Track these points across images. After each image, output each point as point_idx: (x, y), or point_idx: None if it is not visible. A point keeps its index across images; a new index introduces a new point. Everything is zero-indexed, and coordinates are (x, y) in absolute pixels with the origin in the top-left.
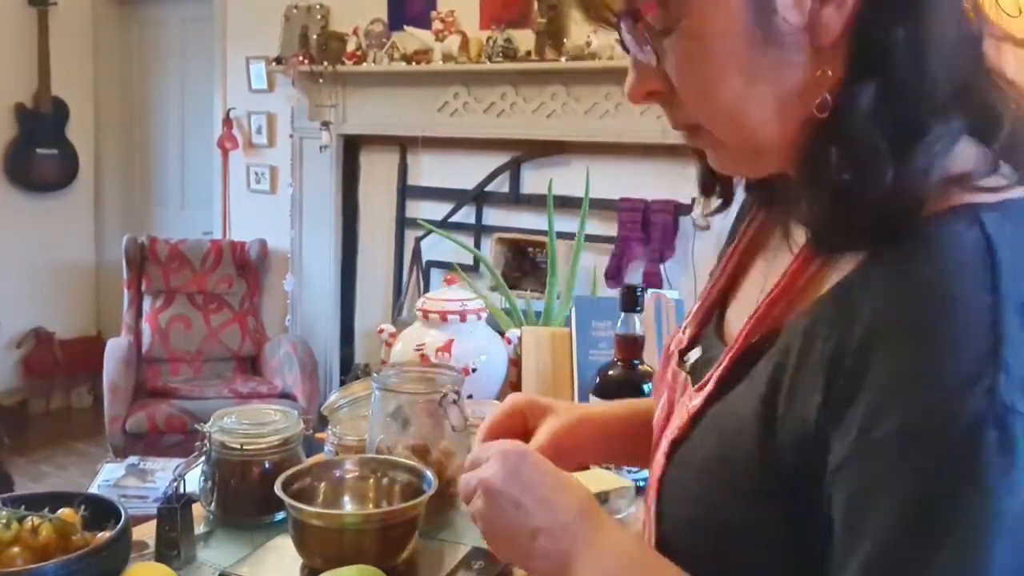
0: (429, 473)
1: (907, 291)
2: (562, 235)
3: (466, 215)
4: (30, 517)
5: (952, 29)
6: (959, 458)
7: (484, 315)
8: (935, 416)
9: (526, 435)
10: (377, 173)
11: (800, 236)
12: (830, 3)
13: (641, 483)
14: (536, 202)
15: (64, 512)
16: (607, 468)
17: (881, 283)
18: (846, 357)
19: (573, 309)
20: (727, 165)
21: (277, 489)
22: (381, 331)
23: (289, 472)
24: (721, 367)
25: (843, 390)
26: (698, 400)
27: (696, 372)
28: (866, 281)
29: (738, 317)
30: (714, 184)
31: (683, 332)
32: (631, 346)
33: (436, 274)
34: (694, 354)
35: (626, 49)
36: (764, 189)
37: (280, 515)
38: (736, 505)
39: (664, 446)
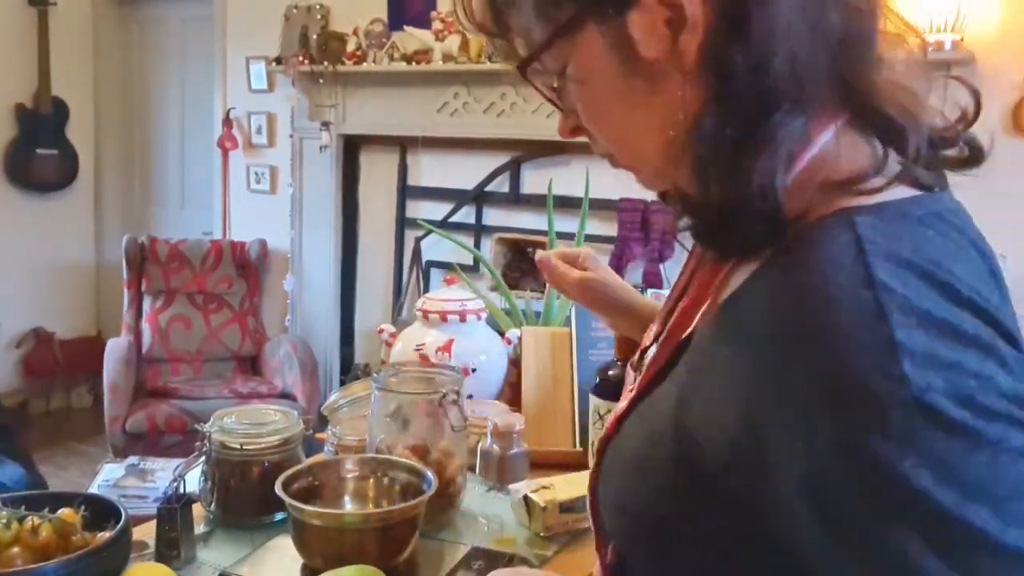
0: (429, 473)
1: (789, 301)
2: (562, 235)
3: (466, 215)
4: (30, 517)
5: (800, 35)
6: (895, 449)
7: (484, 315)
8: (862, 416)
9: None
10: (377, 173)
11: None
12: (684, 30)
13: None
14: (536, 202)
15: (64, 512)
16: None
17: (765, 295)
18: (750, 370)
19: (573, 309)
20: (646, 184)
21: (278, 489)
22: (381, 331)
23: (289, 472)
24: (644, 372)
25: (755, 412)
26: (624, 402)
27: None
28: (751, 294)
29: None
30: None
31: (648, 334)
32: (631, 346)
33: (436, 274)
34: (650, 353)
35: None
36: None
37: (280, 515)
38: (661, 507)
39: (596, 446)
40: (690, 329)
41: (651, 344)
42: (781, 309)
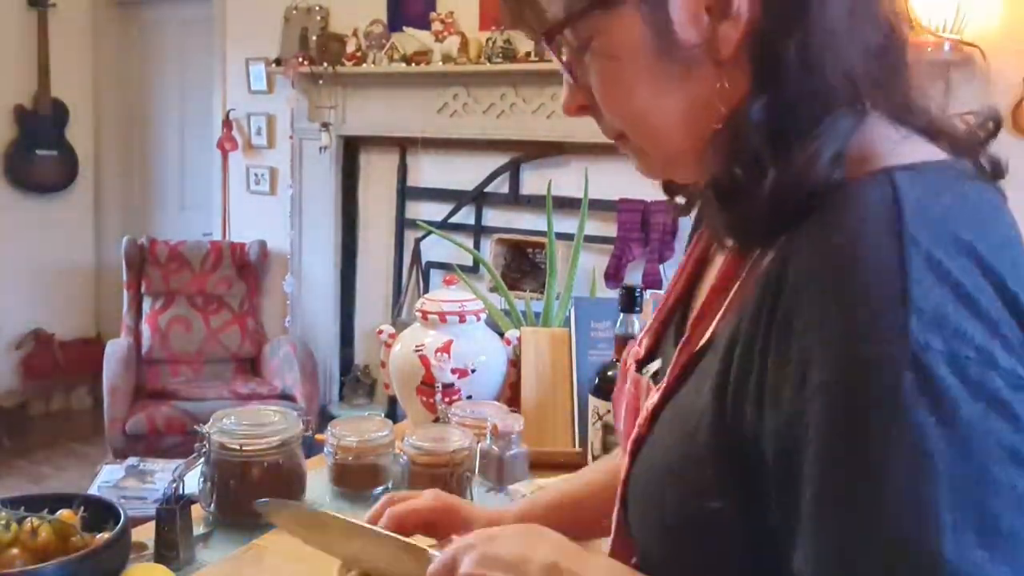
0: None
1: (820, 249)
2: (561, 236)
3: (466, 216)
4: (29, 518)
5: (848, 38)
6: (883, 401)
7: (483, 316)
8: (854, 364)
9: (430, 532)
10: (377, 174)
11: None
12: (726, 20)
13: None
14: (535, 203)
15: (63, 513)
16: None
17: (803, 249)
18: (776, 325)
19: (572, 310)
20: (650, 171)
21: None
22: (380, 332)
23: None
24: (674, 363)
25: (777, 360)
26: (655, 396)
27: (658, 379)
28: (789, 252)
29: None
30: (676, 186)
31: (639, 345)
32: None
33: (436, 275)
34: (654, 365)
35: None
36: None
37: None
38: (699, 495)
39: (628, 447)
40: (721, 312)
41: (646, 357)
42: (814, 260)
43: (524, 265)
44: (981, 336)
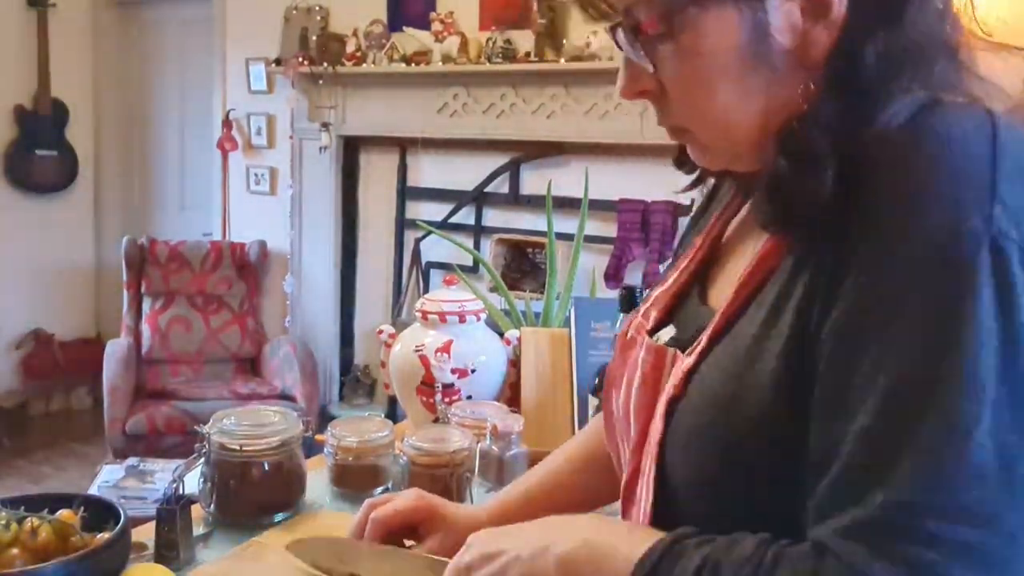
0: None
1: (911, 143)
2: (561, 236)
3: (466, 216)
4: (29, 518)
5: (922, 45)
6: (960, 271)
7: (483, 316)
8: (937, 235)
9: (411, 535)
10: (377, 174)
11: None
12: (819, 23)
13: None
14: (535, 203)
15: (63, 513)
16: None
17: (886, 152)
18: (861, 211)
19: (572, 310)
20: (709, 163)
21: None
22: (380, 332)
23: None
24: (713, 325)
25: (853, 242)
26: (691, 359)
27: (680, 344)
28: (874, 153)
29: (723, 289)
30: (689, 160)
31: (643, 317)
32: None
33: (436, 275)
34: (667, 332)
35: (620, 47)
36: (742, 180)
37: (279, 516)
38: (752, 430)
39: (660, 409)
40: (771, 270)
41: (656, 327)
42: (905, 146)
43: (524, 265)
44: None
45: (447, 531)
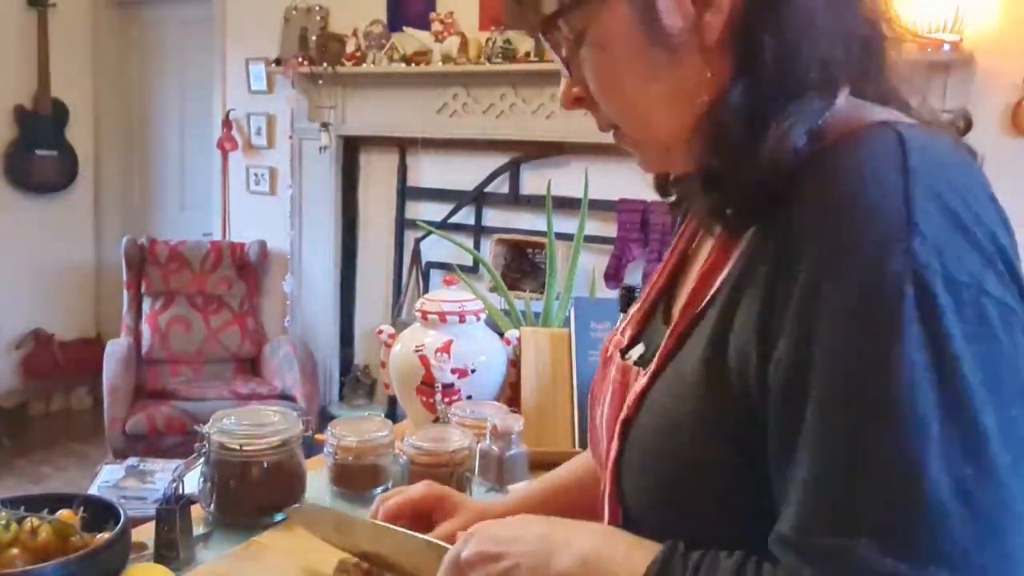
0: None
1: (828, 181)
2: (561, 236)
3: (465, 216)
4: (29, 518)
5: (826, 27)
6: (885, 313)
7: (483, 316)
8: (861, 278)
9: (426, 526)
10: (377, 174)
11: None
12: (710, 7)
13: None
14: (535, 203)
15: (63, 513)
16: None
17: (809, 188)
18: (786, 250)
19: (572, 310)
20: (647, 164)
21: None
22: (380, 332)
23: None
24: (662, 346)
25: (783, 288)
26: (644, 379)
27: (644, 363)
28: (790, 192)
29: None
30: (667, 185)
31: (621, 334)
32: None
33: (436, 275)
34: (637, 350)
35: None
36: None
37: (279, 516)
38: (696, 457)
39: (617, 429)
40: (714, 289)
41: (629, 344)
42: (821, 190)
43: (524, 265)
44: (975, 264)
45: (459, 518)
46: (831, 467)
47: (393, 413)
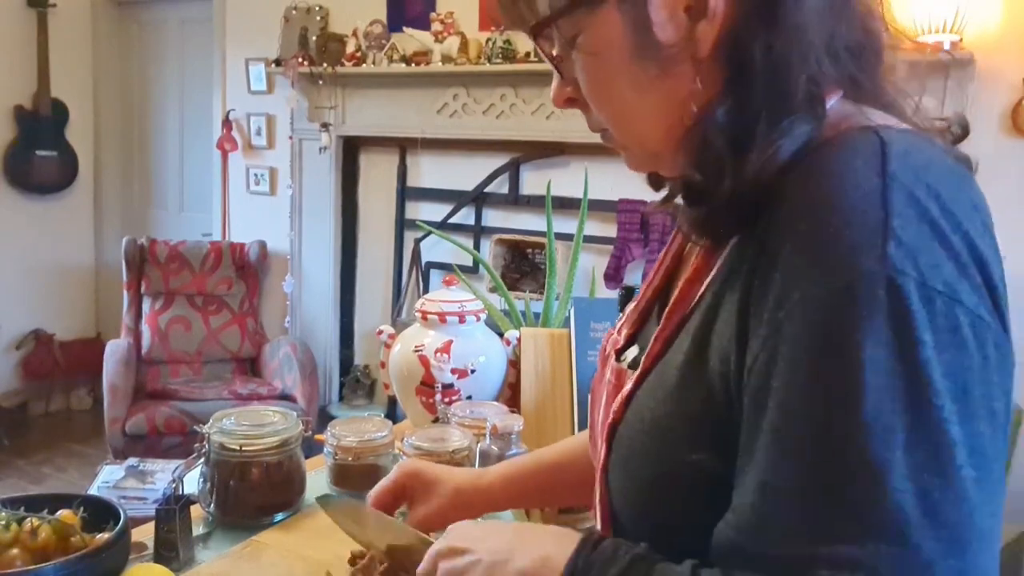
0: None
1: (809, 185)
2: (561, 236)
3: (465, 216)
4: (29, 519)
5: (818, 38)
6: (856, 315)
7: (483, 316)
8: (834, 279)
9: (406, 498)
10: (376, 174)
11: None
12: (703, 19)
13: None
14: (535, 203)
15: (63, 513)
16: None
17: (789, 192)
18: (764, 256)
19: (572, 310)
20: (634, 165)
21: None
22: (380, 332)
23: None
24: (649, 349)
25: (759, 287)
26: (630, 383)
27: (636, 365)
28: (772, 198)
29: None
30: (660, 179)
31: (618, 334)
32: None
33: (435, 275)
34: (632, 352)
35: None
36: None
37: (279, 516)
38: (677, 459)
39: (605, 433)
40: (697, 297)
41: (625, 345)
42: (801, 193)
43: (524, 265)
44: (951, 274)
45: (433, 501)
46: (791, 471)
47: (393, 413)
